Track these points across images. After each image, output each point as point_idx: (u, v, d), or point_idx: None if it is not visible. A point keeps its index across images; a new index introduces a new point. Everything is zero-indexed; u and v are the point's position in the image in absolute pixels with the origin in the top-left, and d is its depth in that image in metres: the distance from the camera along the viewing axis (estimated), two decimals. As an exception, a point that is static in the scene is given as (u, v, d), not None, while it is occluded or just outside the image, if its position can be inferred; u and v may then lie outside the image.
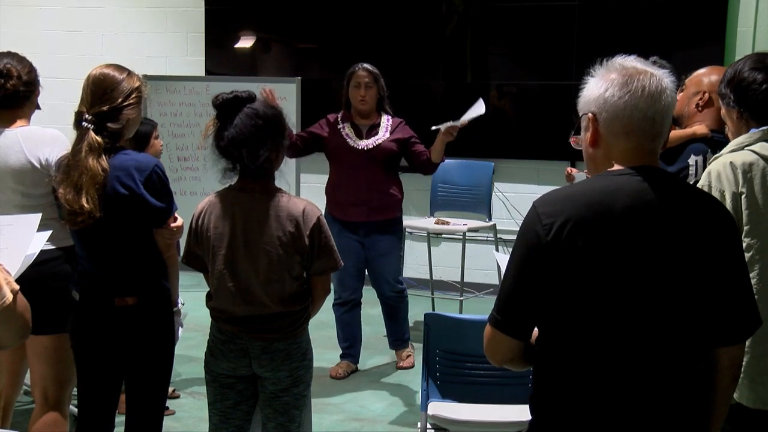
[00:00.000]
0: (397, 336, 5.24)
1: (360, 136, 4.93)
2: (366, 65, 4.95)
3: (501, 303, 1.94)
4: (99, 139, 2.89)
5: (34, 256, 2.64)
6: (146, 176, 2.93)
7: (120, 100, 2.94)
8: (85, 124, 2.90)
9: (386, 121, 4.96)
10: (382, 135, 4.92)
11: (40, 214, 2.74)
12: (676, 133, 3.47)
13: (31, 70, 3.31)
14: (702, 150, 3.24)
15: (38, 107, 3.39)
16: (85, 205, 2.84)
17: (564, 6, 6.49)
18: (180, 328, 3.23)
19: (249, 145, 2.83)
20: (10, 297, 1.95)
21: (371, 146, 4.89)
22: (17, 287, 1.99)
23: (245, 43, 7.40)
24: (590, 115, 1.96)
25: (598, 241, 1.85)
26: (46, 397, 3.31)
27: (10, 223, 2.61)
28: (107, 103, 2.92)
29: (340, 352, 5.20)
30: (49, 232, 2.84)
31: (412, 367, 5.16)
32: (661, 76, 1.94)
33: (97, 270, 3.00)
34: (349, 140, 4.93)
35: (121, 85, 2.95)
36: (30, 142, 3.20)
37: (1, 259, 2.04)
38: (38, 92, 3.36)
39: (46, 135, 3.22)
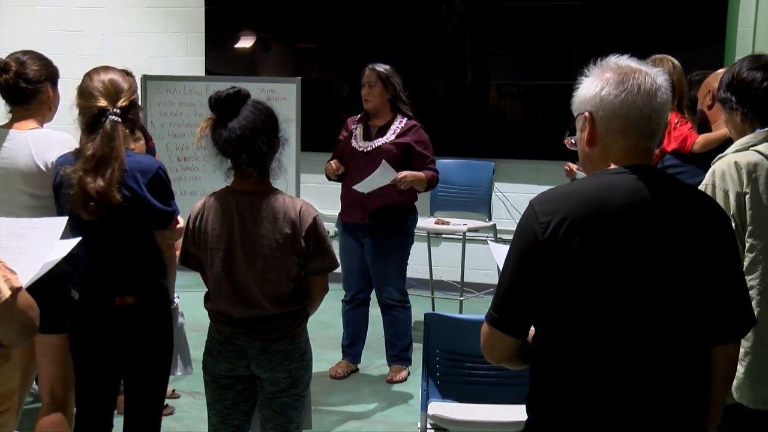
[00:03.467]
0: (396, 352, 5.04)
1: (368, 138, 4.89)
2: (375, 65, 4.91)
3: (498, 301, 1.95)
4: (127, 131, 2.95)
5: (54, 263, 2.62)
6: (150, 178, 2.95)
7: (130, 94, 3.00)
8: (113, 117, 2.92)
9: (398, 123, 4.88)
10: (387, 137, 4.85)
11: (65, 218, 2.75)
12: (710, 137, 3.54)
13: (41, 69, 3.30)
14: None
15: (50, 108, 3.37)
16: (116, 195, 2.87)
17: (564, 6, 6.49)
18: (181, 319, 3.24)
19: (264, 133, 2.82)
20: (7, 293, 1.94)
21: (370, 148, 4.84)
22: (18, 285, 1.97)
23: (245, 43, 7.40)
24: (586, 114, 1.96)
25: (595, 239, 1.85)
26: (54, 396, 3.31)
27: (35, 226, 2.61)
28: (125, 98, 2.98)
29: (341, 351, 5.18)
30: (77, 240, 2.81)
31: (402, 381, 5.00)
32: (656, 75, 1.95)
33: (99, 270, 3.00)
34: (353, 141, 4.91)
35: (126, 84, 3.01)
36: (39, 144, 3.21)
37: (21, 262, 2.04)
38: (50, 94, 3.34)
39: (55, 138, 3.23)
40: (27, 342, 2.15)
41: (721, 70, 3.44)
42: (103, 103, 2.95)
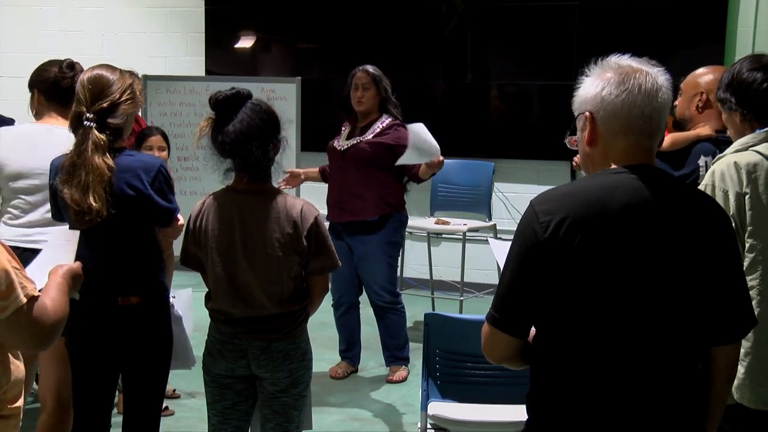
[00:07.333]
0: (392, 352, 5.04)
1: (353, 136, 4.91)
2: (367, 67, 4.91)
3: (499, 301, 1.95)
4: (102, 136, 2.90)
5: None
6: (153, 176, 2.95)
7: (117, 95, 2.95)
8: (87, 123, 2.90)
9: (379, 123, 4.88)
10: (365, 136, 4.85)
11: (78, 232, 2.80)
12: (679, 136, 3.48)
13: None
14: (710, 150, 3.24)
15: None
16: (93, 203, 2.85)
17: (564, 6, 6.49)
18: (178, 312, 3.27)
19: (259, 138, 2.82)
20: (23, 300, 1.93)
21: (346, 147, 4.87)
22: (35, 294, 1.97)
23: (245, 43, 7.40)
24: (587, 113, 1.96)
25: (595, 238, 1.85)
26: (60, 401, 3.30)
27: (50, 232, 2.63)
28: (107, 100, 2.93)
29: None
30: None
31: (402, 381, 5.00)
32: (657, 74, 1.95)
33: (101, 270, 3.00)
34: (336, 141, 4.96)
35: (115, 83, 2.97)
36: None
37: (36, 272, 2.05)
38: None
39: None
40: (44, 349, 2.14)
41: (701, 70, 3.43)
42: (78, 106, 2.95)
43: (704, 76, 3.37)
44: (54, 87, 3.39)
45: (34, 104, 3.48)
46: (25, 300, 1.93)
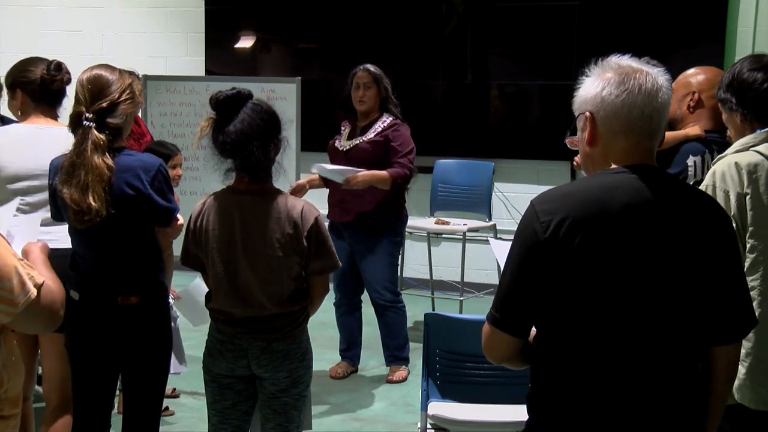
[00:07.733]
0: (392, 351, 5.05)
1: (354, 136, 4.92)
2: (368, 66, 4.92)
3: (499, 301, 1.95)
4: (102, 136, 2.90)
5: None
6: (152, 176, 2.95)
7: (117, 95, 2.95)
8: (86, 122, 2.90)
9: (380, 123, 4.89)
10: (366, 136, 4.86)
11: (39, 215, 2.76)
12: (668, 135, 3.48)
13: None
14: (699, 150, 3.23)
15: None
16: (93, 203, 2.85)
17: (564, 6, 6.49)
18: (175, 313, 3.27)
19: (260, 138, 2.82)
20: (34, 292, 1.98)
21: (348, 147, 4.88)
22: (41, 281, 2.01)
23: (245, 43, 7.40)
24: (587, 114, 1.96)
25: (596, 238, 1.85)
26: (65, 399, 3.30)
27: (16, 224, 2.64)
28: (106, 100, 2.93)
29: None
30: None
31: (402, 381, 5.01)
32: (657, 75, 1.95)
33: (101, 270, 3.00)
34: (337, 142, 4.97)
35: (115, 82, 2.97)
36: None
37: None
38: None
39: None
40: (55, 329, 2.19)
41: (692, 70, 3.43)
42: (78, 106, 2.95)
43: (696, 76, 3.37)
44: (42, 89, 3.38)
45: (17, 104, 3.48)
46: (35, 291, 1.97)
